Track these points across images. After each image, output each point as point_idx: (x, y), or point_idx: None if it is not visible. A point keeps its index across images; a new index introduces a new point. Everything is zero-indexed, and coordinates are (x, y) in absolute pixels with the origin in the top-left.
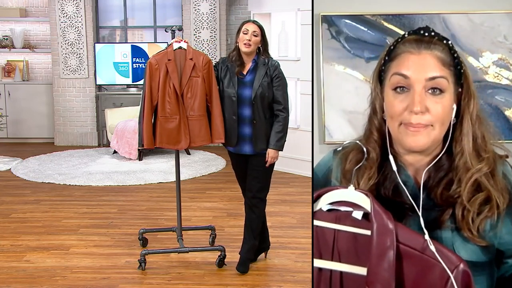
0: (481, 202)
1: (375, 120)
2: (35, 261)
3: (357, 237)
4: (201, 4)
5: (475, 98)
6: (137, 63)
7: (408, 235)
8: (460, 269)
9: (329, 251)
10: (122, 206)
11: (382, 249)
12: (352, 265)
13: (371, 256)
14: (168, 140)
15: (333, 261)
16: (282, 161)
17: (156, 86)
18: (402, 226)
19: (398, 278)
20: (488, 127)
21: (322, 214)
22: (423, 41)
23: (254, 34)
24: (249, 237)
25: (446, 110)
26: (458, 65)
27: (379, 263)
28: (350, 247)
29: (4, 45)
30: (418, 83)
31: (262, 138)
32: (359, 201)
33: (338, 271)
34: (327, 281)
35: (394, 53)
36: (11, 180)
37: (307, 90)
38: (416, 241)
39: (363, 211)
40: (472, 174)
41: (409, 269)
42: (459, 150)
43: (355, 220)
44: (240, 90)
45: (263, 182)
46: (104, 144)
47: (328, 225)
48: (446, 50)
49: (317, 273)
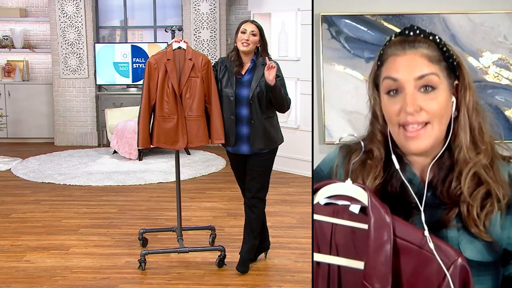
0: (482, 196)
1: (377, 124)
2: (35, 261)
3: (354, 231)
4: (201, 4)
5: (471, 89)
6: (137, 63)
7: (406, 229)
8: (458, 264)
9: (327, 245)
10: (122, 206)
11: (379, 243)
12: (349, 259)
13: (368, 250)
14: (165, 140)
15: (331, 255)
16: (282, 161)
17: (154, 86)
18: (400, 220)
19: (395, 272)
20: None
21: (320, 208)
22: (407, 41)
23: (253, 34)
24: (249, 237)
25: (441, 106)
26: (450, 58)
27: (376, 257)
28: (347, 241)
29: (4, 45)
30: (408, 84)
31: (260, 138)
32: (357, 195)
33: (336, 265)
34: (325, 275)
35: (383, 57)
36: (11, 180)
37: (307, 90)
38: (414, 236)
39: (360, 205)
40: (471, 167)
41: (407, 263)
42: (458, 143)
43: (352, 214)
44: (238, 90)
45: (262, 182)
46: (104, 144)
47: (326, 219)
48: (433, 46)
49: (316, 267)
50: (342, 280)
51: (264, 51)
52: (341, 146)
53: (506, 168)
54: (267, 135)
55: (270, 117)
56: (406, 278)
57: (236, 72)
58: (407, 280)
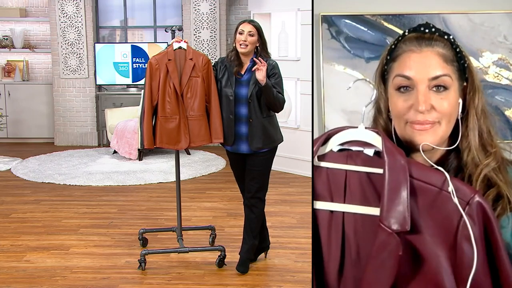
0: (493, 198)
1: (381, 120)
2: (35, 261)
3: (370, 176)
4: (201, 4)
5: (480, 92)
6: (137, 63)
7: (423, 171)
8: (475, 201)
9: (341, 193)
10: (122, 206)
11: (396, 185)
12: (365, 206)
13: (384, 192)
14: (168, 140)
15: (346, 203)
16: (282, 161)
17: (156, 86)
18: (417, 162)
19: (412, 213)
20: (493, 122)
21: (333, 155)
22: (424, 38)
23: (250, 34)
24: (249, 237)
25: (452, 106)
26: (461, 60)
27: (393, 199)
28: (363, 187)
29: (4, 45)
30: (421, 83)
31: (258, 137)
32: (371, 139)
33: (352, 214)
34: (339, 224)
35: (396, 53)
36: (11, 180)
37: (307, 90)
38: (432, 177)
39: (374, 149)
40: (481, 169)
41: (424, 203)
42: (466, 145)
43: (366, 159)
44: (237, 89)
45: (261, 182)
46: (104, 144)
47: (340, 166)
48: (448, 45)
49: (329, 216)
50: (357, 228)
51: (264, 51)
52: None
53: None
54: (266, 134)
55: (269, 116)
56: (424, 219)
57: (235, 72)
58: (425, 221)
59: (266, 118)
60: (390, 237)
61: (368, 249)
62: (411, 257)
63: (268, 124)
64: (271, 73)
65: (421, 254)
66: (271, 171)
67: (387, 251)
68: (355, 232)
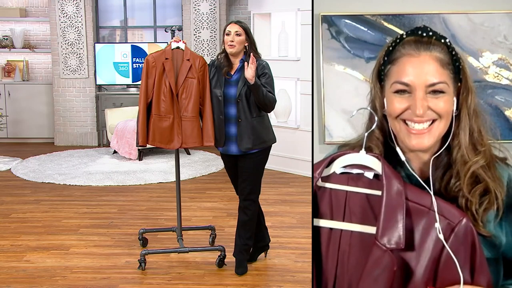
0: (480, 193)
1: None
2: (35, 261)
3: (368, 197)
4: (201, 4)
5: (473, 93)
6: (137, 63)
7: (416, 193)
8: (463, 224)
9: (341, 212)
10: (122, 206)
11: (392, 207)
12: (363, 225)
13: (381, 213)
14: (160, 139)
15: (345, 221)
16: (282, 161)
17: (152, 84)
18: (411, 186)
19: (407, 232)
20: (484, 122)
21: (336, 176)
22: (422, 42)
23: (237, 34)
24: (240, 239)
25: (448, 105)
26: (457, 62)
27: (389, 219)
28: (361, 207)
29: (4, 45)
30: (419, 89)
31: (247, 137)
32: (371, 163)
33: (349, 231)
34: (336, 241)
35: (394, 56)
36: (11, 180)
37: (307, 90)
38: (424, 199)
39: (374, 172)
40: (470, 166)
41: (418, 223)
42: (457, 143)
43: (366, 181)
44: (226, 90)
45: (252, 184)
46: (104, 144)
47: (342, 187)
48: (445, 49)
49: (328, 234)
50: (353, 245)
51: (253, 50)
52: (341, 146)
53: (505, 170)
54: (256, 134)
55: (260, 117)
56: (417, 237)
57: (225, 72)
58: (418, 240)
59: (255, 118)
60: (385, 254)
61: (359, 264)
62: (403, 272)
63: (258, 125)
64: (261, 72)
65: (411, 269)
66: (271, 171)
67: (381, 267)
68: (350, 247)
